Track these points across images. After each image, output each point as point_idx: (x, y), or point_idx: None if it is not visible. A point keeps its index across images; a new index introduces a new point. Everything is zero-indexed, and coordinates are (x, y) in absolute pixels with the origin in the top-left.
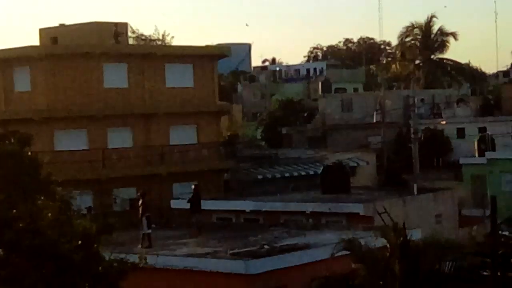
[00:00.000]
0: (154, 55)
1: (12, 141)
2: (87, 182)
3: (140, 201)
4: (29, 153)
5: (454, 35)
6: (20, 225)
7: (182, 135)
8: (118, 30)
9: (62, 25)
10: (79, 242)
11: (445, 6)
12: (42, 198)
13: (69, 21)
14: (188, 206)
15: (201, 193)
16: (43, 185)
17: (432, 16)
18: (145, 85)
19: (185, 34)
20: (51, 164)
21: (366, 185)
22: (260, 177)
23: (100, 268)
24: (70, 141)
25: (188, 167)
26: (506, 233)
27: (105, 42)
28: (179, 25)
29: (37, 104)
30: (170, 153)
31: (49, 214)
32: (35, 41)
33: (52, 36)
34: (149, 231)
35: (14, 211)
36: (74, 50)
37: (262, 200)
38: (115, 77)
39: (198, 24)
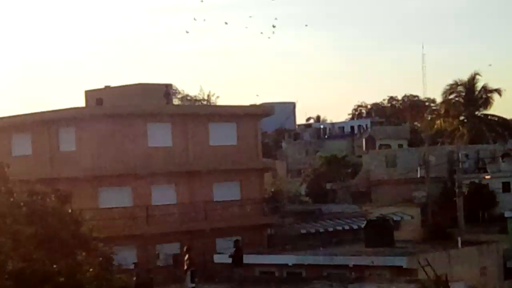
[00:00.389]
0: (198, 115)
1: (52, 199)
2: (132, 238)
3: (186, 256)
4: (70, 210)
5: (498, 91)
6: (60, 279)
7: (226, 192)
8: (168, 90)
9: (107, 87)
10: None
11: (490, 65)
12: (83, 253)
13: (114, 82)
14: (230, 260)
15: (243, 248)
16: (84, 241)
17: (476, 74)
18: (189, 144)
19: (231, 94)
20: (95, 221)
21: (410, 239)
22: (303, 231)
23: None
24: (115, 198)
25: (231, 222)
26: None
27: (149, 102)
28: (225, 84)
29: (81, 164)
30: (213, 210)
31: (90, 269)
32: (81, 103)
33: (98, 98)
34: (193, 285)
35: (55, 266)
36: (118, 111)
37: (305, 254)
38: (160, 136)
39: (244, 83)
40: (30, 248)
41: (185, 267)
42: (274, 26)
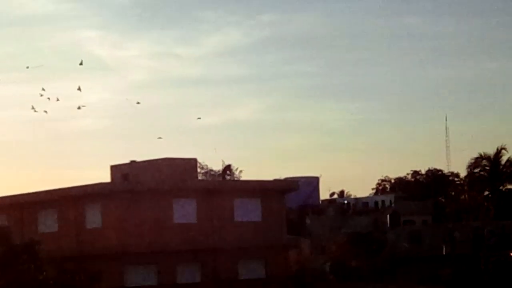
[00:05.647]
0: (223, 190)
1: (82, 277)
2: None
3: None
4: None
5: None
6: None
7: (250, 269)
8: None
9: (133, 161)
10: None
11: None
12: None
13: (140, 157)
14: None
15: None
16: None
17: (502, 148)
18: (214, 220)
19: (254, 168)
20: None
21: None
22: None
23: None
24: (141, 276)
25: None
26: None
27: (174, 177)
28: (248, 160)
29: (107, 241)
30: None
31: None
32: (107, 178)
33: (123, 173)
34: None
35: None
36: (144, 187)
37: None
38: (185, 212)
39: (266, 158)
40: None
41: None
42: None
